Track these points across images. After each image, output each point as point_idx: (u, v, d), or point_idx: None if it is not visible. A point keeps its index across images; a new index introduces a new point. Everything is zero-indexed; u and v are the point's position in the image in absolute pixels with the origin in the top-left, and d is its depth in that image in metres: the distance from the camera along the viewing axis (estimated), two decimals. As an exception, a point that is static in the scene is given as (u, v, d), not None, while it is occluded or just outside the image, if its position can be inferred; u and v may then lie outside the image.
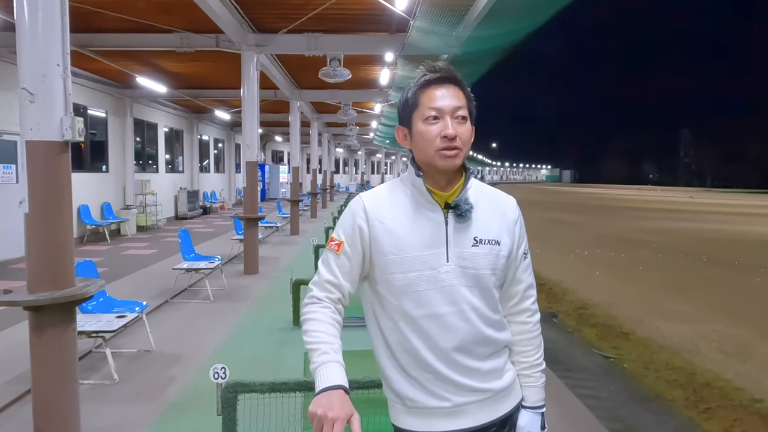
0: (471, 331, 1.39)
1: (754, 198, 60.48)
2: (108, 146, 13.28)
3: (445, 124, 1.37)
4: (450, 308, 1.38)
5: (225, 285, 7.56)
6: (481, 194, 1.47)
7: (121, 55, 9.90)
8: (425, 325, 1.38)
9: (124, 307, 4.83)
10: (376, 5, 6.97)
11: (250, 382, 2.79)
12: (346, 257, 1.43)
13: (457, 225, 1.41)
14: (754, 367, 5.60)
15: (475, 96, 1.47)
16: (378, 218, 1.42)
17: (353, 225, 1.43)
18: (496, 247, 1.43)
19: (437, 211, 1.41)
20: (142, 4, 7.27)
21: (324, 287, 1.44)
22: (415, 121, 1.42)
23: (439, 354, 1.38)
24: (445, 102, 1.38)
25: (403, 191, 1.46)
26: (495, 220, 1.46)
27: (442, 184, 1.43)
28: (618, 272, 10.90)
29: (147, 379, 4.35)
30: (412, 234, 1.39)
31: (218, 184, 22.87)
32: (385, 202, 1.45)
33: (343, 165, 46.96)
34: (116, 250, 10.94)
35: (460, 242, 1.40)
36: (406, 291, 1.38)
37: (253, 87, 8.49)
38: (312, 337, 1.36)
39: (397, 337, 1.41)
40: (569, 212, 29.23)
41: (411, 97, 1.43)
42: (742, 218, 27.57)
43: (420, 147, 1.41)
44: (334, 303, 1.43)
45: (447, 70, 1.42)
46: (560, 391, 4.47)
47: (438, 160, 1.38)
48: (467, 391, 1.40)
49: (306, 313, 1.42)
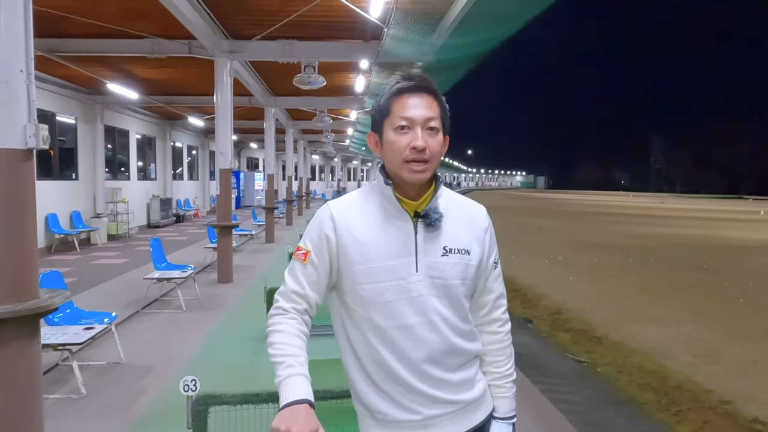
0: (441, 341, 1.37)
1: (722, 203, 62.13)
2: (78, 153, 13.00)
3: (414, 135, 1.34)
4: (419, 319, 1.35)
5: (198, 294, 7.44)
6: (451, 203, 1.45)
7: (91, 61, 9.72)
8: (394, 337, 1.35)
9: (92, 319, 4.71)
10: (350, 13, 6.97)
11: (221, 394, 2.73)
12: (313, 267, 1.40)
13: (427, 234, 1.38)
14: (723, 369, 5.71)
15: (450, 103, 1.45)
16: (346, 227, 1.38)
17: (320, 234, 1.40)
18: (466, 257, 1.41)
19: (406, 220, 1.38)
20: (112, 10, 7.15)
21: (290, 298, 1.40)
22: (385, 129, 1.39)
23: (409, 366, 1.35)
24: (417, 112, 1.35)
25: (372, 199, 1.43)
26: (465, 230, 1.43)
27: (412, 193, 1.40)
28: (592, 277, 11.06)
29: (116, 392, 4.24)
30: (380, 243, 1.36)
31: (192, 192, 22.57)
32: (354, 210, 1.41)
33: (319, 172, 46.83)
34: (86, 260, 10.69)
35: (430, 252, 1.38)
36: (374, 301, 1.35)
37: (226, 94, 8.41)
38: (277, 349, 1.32)
39: (366, 349, 1.38)
40: (544, 218, 29.60)
41: (383, 104, 1.40)
42: (711, 223, 28.27)
43: (389, 156, 1.39)
44: (301, 314, 1.40)
45: (422, 79, 1.39)
46: (535, 396, 4.49)
47: (405, 173, 1.36)
48: (438, 403, 1.37)
49: (271, 324, 1.38)
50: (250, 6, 7.16)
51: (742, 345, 6.57)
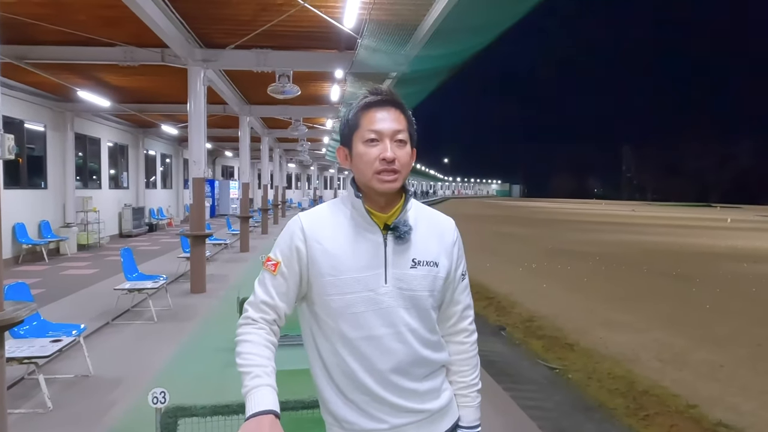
0: (408, 352, 1.39)
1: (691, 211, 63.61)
2: (47, 161, 12.73)
3: (384, 147, 1.38)
4: (387, 330, 1.38)
5: (170, 305, 7.34)
6: (420, 216, 1.48)
7: (61, 68, 9.56)
8: (362, 347, 1.37)
9: (60, 331, 4.62)
10: (324, 23, 7.01)
11: (191, 406, 2.70)
12: (283, 278, 1.41)
13: (396, 247, 1.41)
14: (689, 374, 5.86)
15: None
16: (316, 239, 1.40)
17: (290, 245, 1.42)
18: (434, 269, 1.44)
19: (376, 232, 1.41)
20: (82, 17, 7.06)
21: (259, 308, 1.42)
22: (355, 142, 1.42)
23: (377, 376, 1.38)
24: (385, 125, 1.39)
25: (342, 212, 1.45)
26: (433, 242, 1.46)
27: (382, 205, 1.43)
28: (564, 284, 11.22)
29: (84, 405, 4.16)
30: (350, 255, 1.39)
31: (165, 201, 22.27)
32: (324, 222, 1.44)
33: (295, 180, 46.62)
34: (55, 270, 10.47)
35: (399, 264, 1.40)
36: (343, 313, 1.38)
37: (200, 102, 8.36)
38: (244, 359, 1.34)
39: (335, 359, 1.40)
40: (518, 226, 29.93)
41: (352, 118, 1.44)
42: (680, 230, 28.93)
43: (359, 168, 1.42)
44: (270, 324, 1.41)
45: (389, 93, 1.44)
46: (506, 403, 4.54)
47: (376, 183, 1.39)
48: (404, 412, 1.40)
49: (240, 334, 1.40)
50: (223, 15, 7.15)
51: (709, 350, 6.75)
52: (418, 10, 6.22)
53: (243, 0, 6.58)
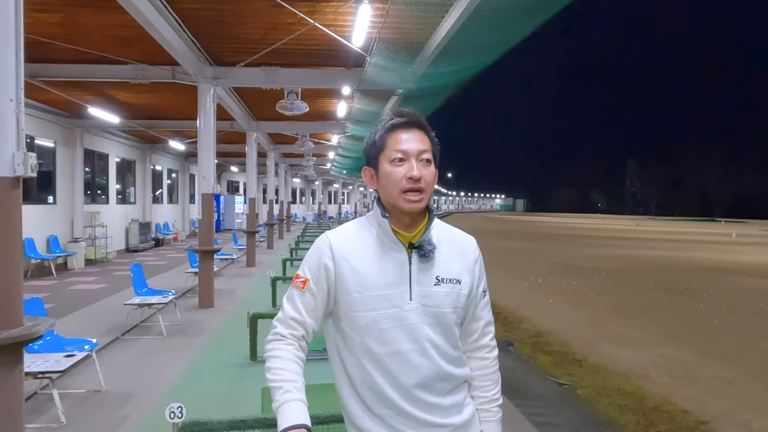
0: (432, 368, 1.43)
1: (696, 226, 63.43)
2: (56, 177, 12.86)
3: (410, 166, 1.43)
4: (412, 345, 1.42)
5: (179, 320, 7.38)
6: (443, 234, 1.53)
7: (73, 86, 9.71)
8: (387, 362, 1.41)
9: (73, 346, 4.65)
10: (333, 42, 7.12)
11: (208, 421, 2.74)
12: (311, 294, 1.46)
13: (421, 265, 1.45)
14: (699, 390, 5.84)
15: (431, 127, 1.54)
16: (344, 257, 1.45)
17: (319, 263, 1.46)
18: (457, 286, 1.48)
19: (401, 251, 1.46)
20: (96, 36, 7.20)
21: (288, 324, 1.46)
22: (381, 162, 1.47)
23: (401, 390, 1.41)
24: (411, 145, 1.45)
25: (369, 231, 1.50)
26: (456, 260, 1.51)
27: (407, 224, 1.48)
28: (571, 299, 11.21)
29: (97, 420, 4.18)
30: (376, 273, 1.43)
31: (171, 216, 22.38)
32: (351, 240, 1.48)
33: (300, 195, 46.78)
34: (63, 285, 10.52)
35: (423, 281, 1.45)
36: (370, 329, 1.42)
37: (209, 119, 8.46)
38: (275, 374, 1.38)
39: (360, 374, 1.44)
40: (523, 240, 29.91)
41: (378, 140, 1.49)
42: (685, 245, 28.85)
43: (386, 188, 1.47)
44: (298, 340, 1.46)
45: (414, 115, 1.49)
46: (516, 419, 4.54)
47: (402, 203, 1.44)
48: (428, 426, 1.43)
49: (269, 350, 1.45)
50: (234, 34, 7.28)
51: (718, 366, 6.73)
52: (426, 29, 6.32)
53: (254, 19, 6.70)
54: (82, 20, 6.63)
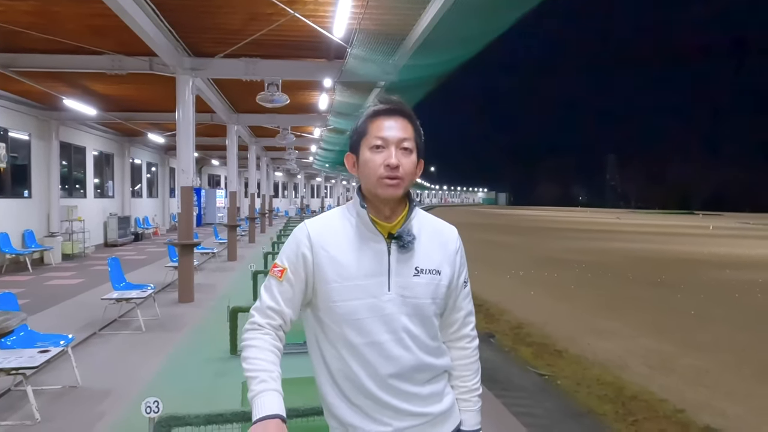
0: (410, 358, 1.43)
1: (674, 219, 64.47)
2: (31, 170, 12.58)
3: (388, 154, 1.42)
4: (389, 336, 1.41)
5: (158, 314, 7.28)
6: (424, 224, 1.52)
7: (47, 77, 9.49)
8: (365, 353, 1.40)
9: (48, 341, 4.56)
10: (314, 33, 7.05)
11: (185, 415, 2.70)
12: (289, 284, 1.44)
13: (400, 255, 1.44)
14: (676, 380, 5.93)
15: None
16: (322, 246, 1.43)
17: (297, 252, 1.45)
18: (437, 277, 1.47)
19: (380, 241, 1.45)
20: (71, 26, 7.03)
21: (265, 313, 1.45)
22: (362, 149, 1.46)
23: (379, 381, 1.41)
24: (392, 132, 1.43)
25: (348, 220, 1.48)
26: (436, 251, 1.50)
27: (386, 214, 1.47)
28: (552, 292, 11.31)
29: (73, 417, 4.11)
30: (355, 263, 1.42)
31: (151, 210, 22.09)
32: (330, 230, 1.47)
33: (282, 189, 46.50)
34: (39, 280, 10.32)
35: (402, 272, 1.44)
36: (347, 319, 1.41)
37: (188, 111, 8.33)
38: (251, 364, 1.37)
39: (339, 364, 1.43)
40: (506, 234, 30.11)
41: (360, 126, 1.48)
42: (664, 238, 29.30)
43: (364, 174, 1.46)
44: (275, 329, 1.45)
45: (398, 103, 1.48)
46: (497, 410, 4.56)
47: (379, 189, 1.42)
48: (407, 415, 1.43)
49: (246, 339, 1.43)
50: (212, 24, 7.16)
51: (695, 356, 6.84)
52: (407, 20, 6.28)
53: (233, 9, 6.60)
54: (56, 8, 6.47)
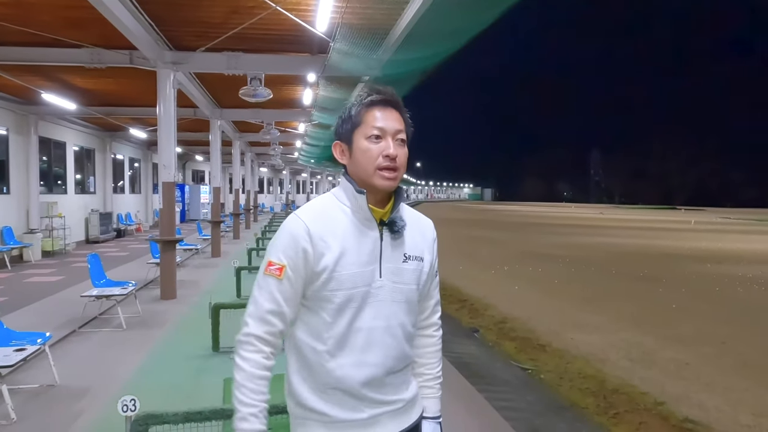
0: (395, 346, 1.44)
1: (657, 214, 65.23)
2: (9, 166, 12.35)
3: (387, 144, 1.43)
4: (379, 323, 1.42)
5: (140, 311, 7.19)
6: (407, 213, 1.55)
7: (24, 70, 9.30)
8: (353, 342, 1.40)
9: (24, 339, 4.48)
10: (296, 26, 6.98)
11: (162, 413, 2.66)
12: (290, 282, 1.39)
13: (392, 242, 1.46)
14: (657, 372, 5.99)
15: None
16: (321, 237, 1.39)
17: (296, 247, 1.39)
18: (421, 263, 1.51)
19: (374, 228, 1.45)
20: (47, 18, 6.89)
21: (264, 320, 1.39)
22: (356, 137, 1.45)
23: (362, 370, 1.40)
24: (389, 123, 1.44)
25: (340, 208, 1.46)
26: (419, 238, 1.54)
27: (379, 201, 1.48)
28: (536, 286, 11.37)
29: (50, 416, 4.04)
30: (352, 251, 1.41)
31: (134, 206, 21.83)
32: (326, 220, 1.43)
33: (267, 185, 46.22)
34: (18, 278, 10.15)
35: (393, 258, 1.45)
36: (341, 308, 1.39)
37: (169, 105, 8.22)
38: (239, 392, 1.37)
39: (316, 357, 1.41)
40: (490, 229, 30.24)
41: (355, 115, 1.47)
42: (647, 233, 29.62)
43: (361, 164, 1.44)
44: (274, 338, 1.41)
45: (392, 95, 1.49)
46: (480, 404, 4.57)
47: (377, 180, 1.42)
48: (381, 403, 1.44)
49: (238, 357, 1.40)
50: (193, 17, 7.06)
51: (675, 348, 6.92)
52: (390, 14, 6.25)
53: (214, 2, 6.51)
54: (32, 0, 6.33)
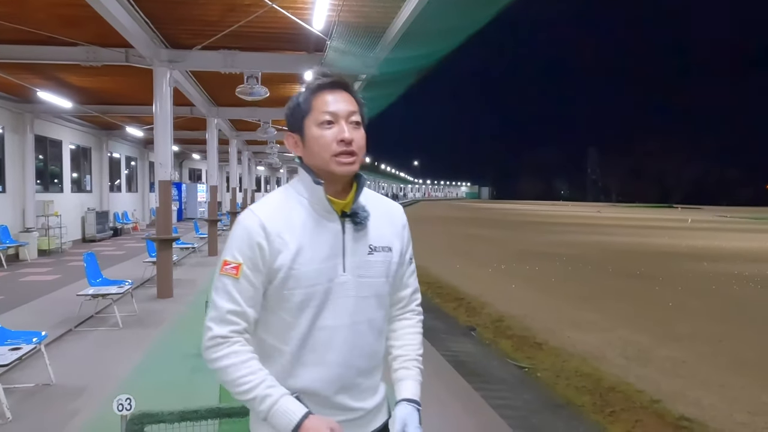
0: (363, 345, 1.37)
1: (654, 212, 65.38)
2: (5, 165, 12.31)
3: (341, 128, 1.35)
4: (345, 321, 1.35)
5: (136, 310, 7.18)
6: (370, 201, 1.45)
7: (20, 68, 9.26)
8: (317, 341, 1.33)
9: (19, 339, 4.46)
10: (293, 24, 6.97)
11: (158, 412, 2.64)
12: (247, 281, 1.32)
13: (355, 234, 1.38)
14: (652, 370, 6.00)
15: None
16: (277, 233, 1.32)
17: (251, 243, 1.32)
18: (389, 254, 1.43)
19: (335, 220, 1.37)
20: (42, 15, 6.86)
21: (225, 320, 1.30)
22: (308, 126, 1.38)
23: (325, 372, 1.34)
24: (340, 106, 1.36)
25: (298, 201, 1.39)
26: (386, 227, 1.45)
27: (338, 191, 1.39)
28: (533, 285, 11.38)
29: (45, 415, 4.03)
30: (312, 246, 1.33)
31: (131, 204, 21.79)
32: (281, 213, 1.36)
33: (264, 183, 46.18)
34: (14, 277, 10.13)
35: (357, 251, 1.38)
36: (303, 307, 1.32)
37: (166, 104, 8.21)
38: (239, 386, 1.27)
39: (280, 357, 1.35)
40: (488, 227, 30.25)
41: (303, 102, 1.39)
42: (643, 231, 29.68)
43: (315, 152, 1.37)
44: (241, 334, 1.32)
45: (339, 76, 1.42)
46: (477, 403, 4.58)
47: (335, 166, 1.35)
48: (342, 409, 1.36)
49: (216, 360, 1.29)
50: (190, 15, 7.05)
51: (671, 347, 6.93)
52: (387, 13, 6.25)
53: (210, 0, 6.49)
54: (27, -2, 6.31)
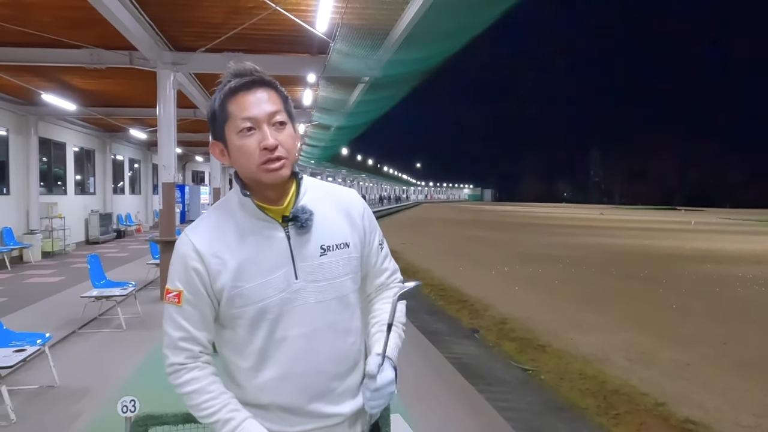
0: (330, 350, 1.31)
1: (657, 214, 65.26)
2: (9, 167, 12.35)
3: (263, 134, 1.23)
4: (304, 329, 1.28)
5: (139, 312, 7.19)
6: (320, 196, 1.36)
7: (24, 71, 9.30)
8: (278, 354, 1.27)
9: (24, 340, 4.47)
10: (296, 27, 6.98)
11: (162, 414, 2.64)
12: (191, 306, 1.27)
13: (300, 238, 1.29)
14: (657, 373, 5.98)
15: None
16: (212, 254, 1.26)
17: (187, 269, 1.27)
18: (346, 250, 1.33)
19: (276, 227, 1.29)
20: (47, 18, 6.89)
21: (179, 348, 1.28)
22: (228, 134, 1.26)
23: (292, 382, 1.28)
24: (259, 109, 1.24)
25: (231, 215, 1.30)
26: (340, 221, 1.36)
27: (273, 198, 1.30)
28: (536, 287, 11.36)
29: (49, 416, 4.04)
30: (253, 260, 1.26)
31: (134, 206, 21.83)
32: (215, 233, 1.29)
33: (267, 185, 46.22)
34: (17, 279, 10.15)
35: (307, 255, 1.29)
36: (256, 322, 1.26)
37: (169, 106, 8.23)
38: (202, 411, 1.27)
39: (241, 373, 1.31)
40: (491, 229, 30.23)
41: (219, 108, 1.27)
42: (647, 233, 29.62)
43: (240, 163, 1.27)
44: (198, 358, 1.29)
45: (255, 71, 1.28)
46: (480, 405, 4.57)
47: (263, 175, 1.24)
48: (316, 417, 1.31)
49: (177, 387, 1.29)
50: (193, 18, 7.07)
51: (675, 349, 6.91)
52: (390, 15, 6.26)
53: (214, 3, 6.51)
54: (31, 0, 6.33)
